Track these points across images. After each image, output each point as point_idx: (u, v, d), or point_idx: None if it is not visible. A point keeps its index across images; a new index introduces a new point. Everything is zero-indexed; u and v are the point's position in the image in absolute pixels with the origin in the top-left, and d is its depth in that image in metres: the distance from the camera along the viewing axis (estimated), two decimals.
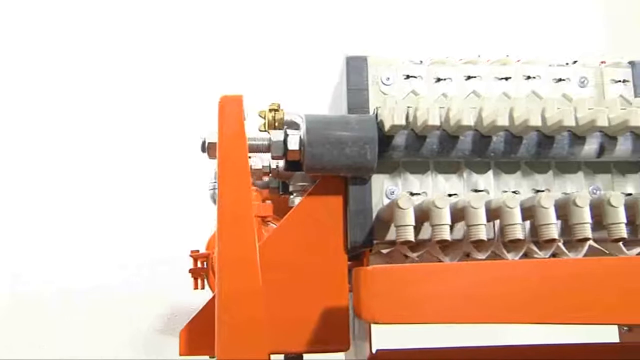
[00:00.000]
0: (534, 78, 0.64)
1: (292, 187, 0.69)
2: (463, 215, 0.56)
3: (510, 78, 0.64)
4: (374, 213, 0.60)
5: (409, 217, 0.54)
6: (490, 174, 0.62)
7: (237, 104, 0.54)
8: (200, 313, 0.58)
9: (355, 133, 0.57)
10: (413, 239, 0.55)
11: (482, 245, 0.59)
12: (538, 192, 0.62)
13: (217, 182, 0.56)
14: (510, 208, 0.55)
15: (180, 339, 0.58)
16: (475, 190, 0.61)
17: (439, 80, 0.63)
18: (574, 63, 0.66)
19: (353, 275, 0.51)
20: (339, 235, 0.60)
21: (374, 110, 0.61)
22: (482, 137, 0.59)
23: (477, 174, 0.62)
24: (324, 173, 0.59)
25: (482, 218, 0.54)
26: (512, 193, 0.61)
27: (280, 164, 0.68)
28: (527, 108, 0.57)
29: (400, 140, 0.59)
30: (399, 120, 0.56)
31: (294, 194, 0.69)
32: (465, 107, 0.57)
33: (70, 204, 1.58)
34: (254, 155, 0.68)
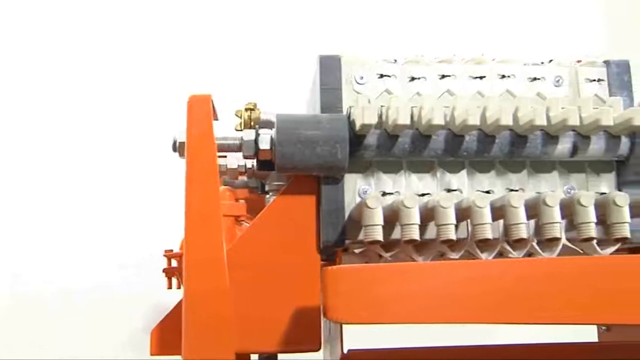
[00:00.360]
0: (509, 77, 0.64)
1: (268, 186, 0.69)
2: (433, 215, 0.56)
3: (485, 77, 0.64)
4: (347, 212, 0.60)
5: (377, 216, 0.54)
6: (464, 174, 0.62)
7: (205, 103, 0.54)
8: (172, 313, 0.58)
9: (326, 132, 0.57)
10: (381, 239, 0.54)
11: (455, 245, 0.59)
12: (512, 191, 0.62)
13: None
14: (480, 207, 0.54)
15: (151, 339, 0.58)
16: (449, 190, 0.61)
17: (413, 79, 0.63)
18: (550, 62, 0.66)
19: (321, 275, 0.51)
20: (312, 235, 0.60)
21: (347, 110, 0.60)
22: (454, 136, 0.59)
23: (450, 174, 0.62)
24: (296, 172, 0.59)
25: (451, 218, 0.54)
26: (482, 192, 0.60)
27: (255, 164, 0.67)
28: (499, 107, 0.57)
29: (372, 140, 0.59)
30: (369, 120, 0.56)
31: (270, 194, 0.69)
32: (437, 106, 0.57)
33: (70, 204, 1.58)
34: (230, 155, 0.68)
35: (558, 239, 0.57)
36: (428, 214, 0.56)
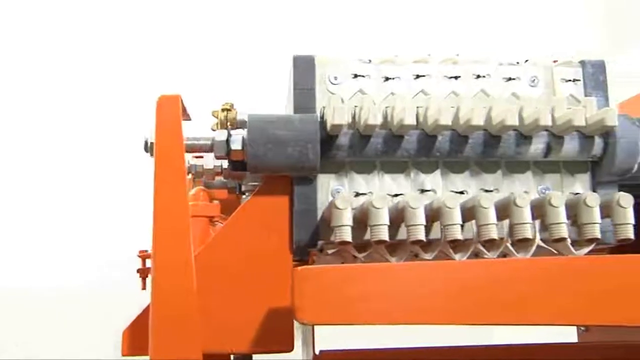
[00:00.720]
0: (484, 77, 0.64)
1: (244, 186, 0.69)
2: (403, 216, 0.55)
3: (460, 77, 0.64)
4: (320, 213, 0.60)
5: (346, 217, 0.54)
6: (438, 174, 0.61)
7: (174, 103, 0.54)
8: (143, 314, 0.58)
9: (297, 133, 0.57)
10: (350, 239, 0.54)
11: (428, 246, 0.59)
12: (487, 192, 0.62)
13: None
14: (450, 208, 0.54)
15: (123, 340, 0.58)
16: (422, 191, 0.61)
17: (388, 79, 0.63)
18: (526, 62, 0.65)
19: (292, 276, 0.51)
20: (285, 236, 0.60)
21: (321, 110, 0.60)
22: (427, 136, 0.59)
23: (424, 174, 0.61)
24: (267, 173, 0.59)
25: (420, 218, 0.54)
26: (455, 193, 0.60)
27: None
28: (471, 107, 0.57)
29: (344, 140, 0.58)
30: (340, 120, 0.56)
31: (247, 194, 0.69)
32: (409, 106, 0.57)
33: (58, 203, 1.58)
34: (207, 156, 0.68)
35: (530, 240, 0.57)
36: (399, 215, 0.56)
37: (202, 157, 0.69)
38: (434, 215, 0.56)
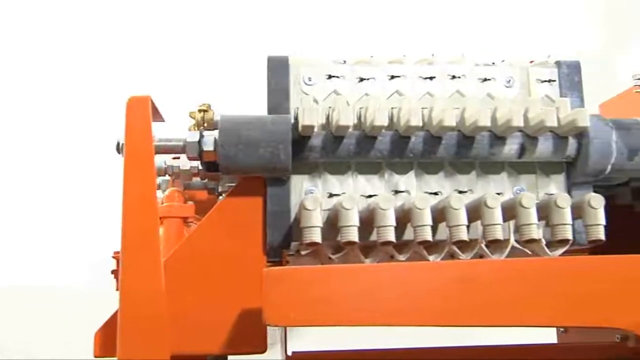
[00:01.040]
0: (459, 77, 0.63)
1: (220, 187, 0.69)
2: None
3: (435, 78, 0.63)
4: (294, 214, 0.60)
5: (316, 218, 0.54)
6: (412, 175, 0.61)
7: (143, 105, 0.54)
8: (115, 315, 0.58)
9: (269, 134, 0.57)
10: (319, 241, 0.54)
11: (401, 247, 0.58)
12: (461, 193, 0.61)
13: None
14: (420, 209, 0.54)
15: (95, 341, 0.58)
16: (396, 192, 0.61)
17: (362, 80, 0.63)
18: (502, 62, 0.65)
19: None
20: (258, 237, 0.60)
21: (294, 111, 0.60)
22: (400, 137, 0.59)
23: (398, 175, 0.61)
24: (239, 174, 0.59)
25: (390, 219, 0.54)
26: (429, 194, 0.60)
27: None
28: (442, 108, 0.57)
29: (317, 141, 0.58)
30: (311, 121, 0.56)
31: (223, 195, 0.69)
32: (381, 107, 0.57)
33: (67, 203, 1.59)
34: (184, 157, 0.68)
35: (504, 241, 0.57)
36: (371, 216, 0.56)
37: (179, 158, 0.69)
38: (406, 217, 0.56)
